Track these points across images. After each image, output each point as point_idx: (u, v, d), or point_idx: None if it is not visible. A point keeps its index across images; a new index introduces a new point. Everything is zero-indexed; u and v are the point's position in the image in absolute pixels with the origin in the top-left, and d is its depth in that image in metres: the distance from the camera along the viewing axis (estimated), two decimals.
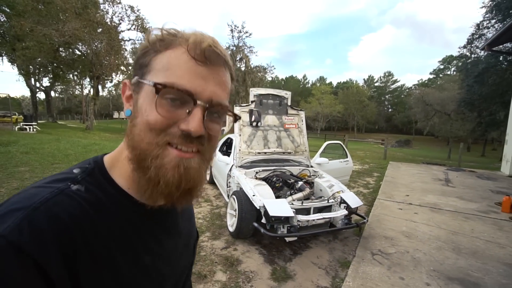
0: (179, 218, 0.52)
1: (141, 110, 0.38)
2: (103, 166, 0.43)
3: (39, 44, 14.36)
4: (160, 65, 0.37)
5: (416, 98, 30.59)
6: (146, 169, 0.37)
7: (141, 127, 0.37)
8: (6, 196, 3.74)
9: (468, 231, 3.53)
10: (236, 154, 4.03)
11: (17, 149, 6.93)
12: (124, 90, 0.43)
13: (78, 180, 0.39)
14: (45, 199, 0.33)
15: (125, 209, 0.41)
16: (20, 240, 0.29)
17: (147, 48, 0.39)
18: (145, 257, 0.42)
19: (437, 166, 9.33)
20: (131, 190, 0.42)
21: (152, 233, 0.44)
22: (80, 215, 0.35)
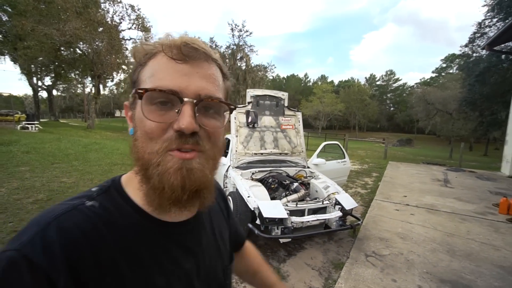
0: (203, 238, 0.49)
1: (138, 123, 0.38)
2: (119, 184, 0.44)
3: (40, 43, 14.43)
4: (145, 76, 0.38)
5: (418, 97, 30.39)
6: (149, 178, 0.37)
7: (140, 139, 0.38)
8: (6, 196, 3.79)
9: (463, 233, 3.54)
10: (232, 155, 4.05)
11: (18, 148, 7.00)
12: (126, 112, 0.43)
13: (93, 197, 0.40)
14: (58, 214, 0.36)
15: (139, 225, 0.41)
16: (32, 253, 0.31)
17: (135, 65, 0.41)
18: (157, 277, 0.40)
19: (437, 166, 9.31)
20: (146, 206, 0.42)
21: (168, 252, 0.43)
22: (89, 229, 0.36)
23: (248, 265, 0.73)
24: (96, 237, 0.36)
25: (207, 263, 0.49)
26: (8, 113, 18.64)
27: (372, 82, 62.63)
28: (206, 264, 0.49)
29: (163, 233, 0.43)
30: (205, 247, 0.49)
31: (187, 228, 0.46)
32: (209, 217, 0.54)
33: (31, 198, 3.82)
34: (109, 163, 6.53)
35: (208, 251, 0.50)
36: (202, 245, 0.49)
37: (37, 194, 3.98)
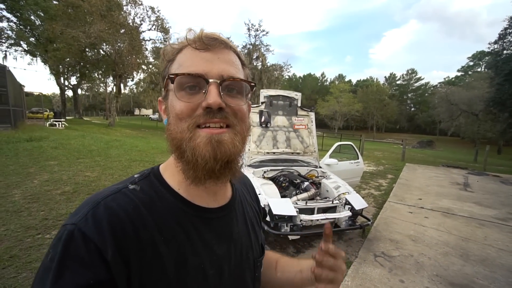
0: (235, 226, 0.51)
1: (170, 109, 0.44)
2: (158, 171, 0.48)
3: (68, 45, 15.34)
4: (173, 68, 0.44)
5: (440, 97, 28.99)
6: (183, 153, 0.41)
7: (173, 121, 0.43)
8: (38, 188, 4.15)
9: (480, 238, 3.43)
10: (245, 154, 4.16)
11: (47, 144, 7.55)
12: (160, 106, 0.48)
13: (135, 181, 0.45)
14: (106, 195, 0.41)
15: (174, 207, 0.44)
16: (85, 227, 0.36)
17: (165, 63, 0.46)
18: (191, 257, 0.43)
19: (457, 170, 8.92)
20: (181, 190, 0.46)
21: (202, 236, 0.45)
22: (131, 210, 0.40)
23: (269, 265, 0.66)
24: (137, 217, 0.40)
25: (238, 253, 0.51)
26: (38, 110, 19.97)
27: (392, 81, 60.50)
28: (238, 253, 0.50)
29: (198, 217, 0.46)
30: (237, 236, 0.51)
31: (221, 214, 0.49)
32: (241, 208, 0.56)
33: (59, 190, 4.15)
34: (129, 159, 6.89)
35: (240, 240, 0.52)
36: (234, 234, 0.51)
37: (64, 186, 4.32)
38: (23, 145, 7.02)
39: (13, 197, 3.72)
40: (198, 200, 0.47)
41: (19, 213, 3.24)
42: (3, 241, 2.62)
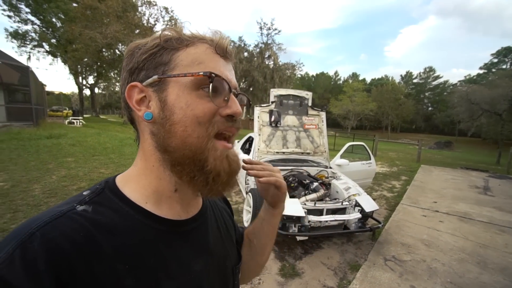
0: (210, 236, 0.47)
1: (180, 106, 0.37)
2: (114, 185, 0.40)
3: (86, 46, 15.94)
4: (188, 61, 0.38)
5: (460, 96, 27.75)
6: (203, 162, 0.37)
7: (186, 123, 0.37)
8: (56, 183, 4.34)
9: (500, 245, 3.26)
10: (254, 153, 4.17)
11: (65, 141, 7.89)
12: (131, 94, 0.39)
13: (85, 201, 0.36)
14: (44, 222, 0.31)
15: (141, 226, 0.38)
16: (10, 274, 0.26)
17: (159, 47, 0.39)
18: (166, 283, 0.37)
19: (477, 172, 8.53)
20: (149, 204, 0.40)
21: (176, 253, 0.40)
22: (81, 239, 0.32)
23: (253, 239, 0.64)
24: (90, 247, 0.32)
25: (216, 264, 0.47)
26: (58, 109, 20.89)
27: (408, 80, 58.58)
28: (215, 264, 0.47)
29: (172, 233, 0.41)
30: (213, 246, 0.47)
31: (195, 225, 0.45)
32: (213, 213, 0.52)
33: (75, 186, 4.32)
34: None
35: (217, 250, 0.48)
36: (210, 244, 0.47)
37: (80, 182, 4.49)
38: (44, 142, 7.37)
39: (33, 191, 3.91)
40: (169, 213, 0.41)
41: (39, 207, 3.41)
42: None
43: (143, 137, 0.41)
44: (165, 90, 0.38)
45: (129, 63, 0.40)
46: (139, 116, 0.39)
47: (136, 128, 0.43)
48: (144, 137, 0.41)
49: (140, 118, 0.40)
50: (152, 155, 0.40)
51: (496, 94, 23.67)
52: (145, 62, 0.39)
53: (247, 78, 22.82)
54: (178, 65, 0.38)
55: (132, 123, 0.44)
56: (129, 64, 0.40)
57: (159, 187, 0.41)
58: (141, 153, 0.42)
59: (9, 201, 3.48)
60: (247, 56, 22.13)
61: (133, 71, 0.40)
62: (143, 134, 0.41)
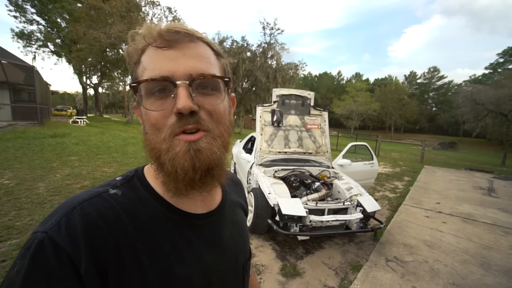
0: (224, 232, 0.50)
1: (144, 117, 0.40)
2: (142, 174, 0.45)
3: (90, 46, 16.05)
4: (140, 72, 0.39)
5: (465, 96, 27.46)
6: (162, 165, 0.39)
7: (149, 131, 0.40)
8: (60, 181, 4.39)
9: (505, 247, 3.23)
10: (256, 153, 4.18)
11: (70, 140, 7.96)
12: (137, 112, 0.44)
13: (117, 185, 0.42)
14: (83, 199, 0.37)
15: (159, 214, 0.42)
16: (57, 236, 0.33)
17: (132, 66, 0.41)
18: (176, 268, 0.41)
19: (481, 173, 8.44)
20: (167, 195, 0.43)
21: (190, 244, 0.43)
22: (110, 217, 0.37)
23: None
24: (117, 225, 0.37)
25: (227, 259, 0.49)
26: (63, 108, 21.12)
27: (412, 80, 58.18)
28: (227, 259, 0.49)
29: (186, 224, 0.44)
30: (226, 242, 0.49)
31: (210, 220, 0.47)
32: (231, 211, 0.54)
33: (79, 184, 4.36)
34: (144, 156, 7.05)
35: (230, 245, 0.50)
36: (224, 240, 0.49)
37: (83, 181, 4.53)
38: (48, 140, 7.45)
39: (38, 189, 3.96)
40: (185, 206, 0.44)
41: (43, 204, 3.45)
42: (28, 230, 2.80)
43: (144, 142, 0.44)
44: (140, 106, 0.41)
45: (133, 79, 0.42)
46: None
47: None
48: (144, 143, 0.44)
49: None
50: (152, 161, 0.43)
51: (502, 94, 23.38)
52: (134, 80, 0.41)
53: (249, 78, 22.80)
54: (137, 78, 0.40)
55: None
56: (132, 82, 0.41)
57: (167, 184, 0.42)
58: None
59: (14, 199, 3.52)
60: (250, 56, 22.11)
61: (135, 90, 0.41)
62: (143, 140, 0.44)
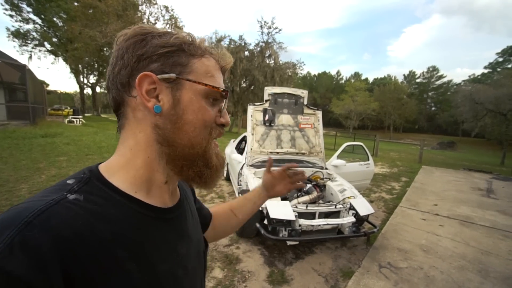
0: (188, 223, 0.50)
1: (192, 109, 0.41)
2: (100, 174, 0.40)
3: (86, 45, 15.91)
4: (202, 70, 0.42)
5: (464, 95, 27.36)
6: (209, 159, 0.44)
7: (196, 125, 0.41)
8: (45, 183, 4.24)
9: (504, 252, 3.09)
10: (247, 153, 4.04)
11: (60, 140, 7.80)
12: (143, 82, 0.38)
13: (74, 190, 0.35)
14: (39, 211, 0.30)
15: (133, 214, 0.39)
16: (10, 263, 0.25)
17: (178, 47, 0.40)
18: (160, 265, 0.40)
19: (480, 174, 8.31)
20: (139, 193, 0.40)
21: (166, 238, 0.43)
22: (81, 227, 0.31)
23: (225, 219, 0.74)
24: (91, 235, 0.32)
25: (194, 248, 0.50)
26: (59, 108, 20.92)
27: (411, 79, 58.12)
28: (194, 248, 0.50)
29: (160, 219, 0.42)
30: (191, 232, 0.50)
31: (178, 212, 0.47)
32: (187, 202, 0.54)
33: None
34: None
35: (194, 235, 0.51)
36: (189, 230, 0.50)
37: None
38: (38, 140, 7.29)
39: (20, 191, 3.81)
40: (157, 201, 0.43)
41: None
42: None
43: (139, 127, 0.41)
44: (180, 90, 0.40)
45: (139, 48, 0.39)
46: (147, 106, 0.39)
47: (121, 115, 0.42)
48: (140, 128, 0.41)
49: (146, 109, 0.40)
50: (149, 147, 0.41)
51: (501, 93, 23.29)
52: (160, 55, 0.39)
53: (247, 77, 22.66)
54: (194, 71, 0.41)
55: (118, 108, 0.42)
56: (140, 49, 0.39)
57: (151, 178, 0.42)
58: (131, 143, 0.41)
59: None
60: (247, 55, 21.95)
61: (144, 59, 0.39)
62: (139, 124, 0.41)
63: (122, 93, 0.40)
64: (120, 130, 0.43)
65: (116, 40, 0.41)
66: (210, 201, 4.41)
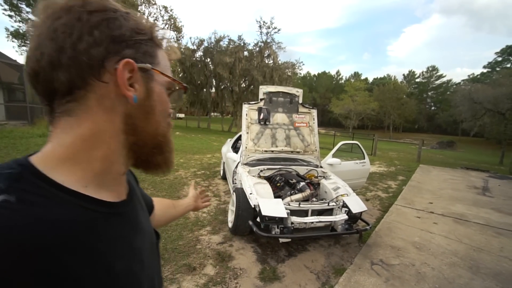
0: (140, 216, 0.48)
1: (160, 100, 0.42)
2: (35, 169, 0.33)
3: None
4: (163, 62, 0.42)
5: (463, 95, 27.36)
6: (167, 145, 0.45)
7: (163, 114, 0.43)
8: None
9: (495, 249, 3.11)
10: (242, 152, 4.05)
11: None
12: (124, 71, 0.35)
13: (1, 189, 0.29)
14: None
15: (83, 212, 0.34)
16: None
17: (150, 36, 0.40)
18: (117, 264, 0.36)
19: (477, 172, 8.32)
20: (89, 188, 0.36)
21: (120, 233, 0.39)
22: (16, 235, 0.27)
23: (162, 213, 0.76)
24: (30, 243, 0.27)
25: (148, 240, 0.49)
26: None
27: (411, 79, 58.22)
28: (148, 241, 0.49)
29: (114, 214, 0.39)
30: (144, 225, 0.49)
31: (131, 205, 0.46)
32: (136, 193, 0.52)
33: None
34: None
35: (146, 228, 0.50)
36: (142, 223, 0.48)
37: None
38: (35, 140, 7.30)
39: None
40: (110, 195, 0.40)
41: None
42: None
43: (104, 117, 0.36)
44: (152, 81, 0.40)
45: (114, 28, 0.35)
46: (123, 95, 0.36)
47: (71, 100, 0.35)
48: (105, 117, 0.36)
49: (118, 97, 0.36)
50: (113, 138, 0.38)
51: (500, 93, 23.29)
52: (136, 42, 0.37)
53: (246, 77, 22.69)
54: (160, 63, 0.41)
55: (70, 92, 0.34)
56: (115, 29, 0.35)
57: (107, 170, 0.39)
58: (86, 133, 0.35)
59: None
60: (246, 55, 21.97)
61: (119, 42, 0.35)
62: (105, 114, 0.36)
63: (87, 76, 0.34)
64: (63, 116, 0.35)
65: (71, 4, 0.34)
66: None
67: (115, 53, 0.35)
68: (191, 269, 2.47)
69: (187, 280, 2.30)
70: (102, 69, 0.34)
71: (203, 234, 3.22)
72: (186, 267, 2.48)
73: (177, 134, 16.55)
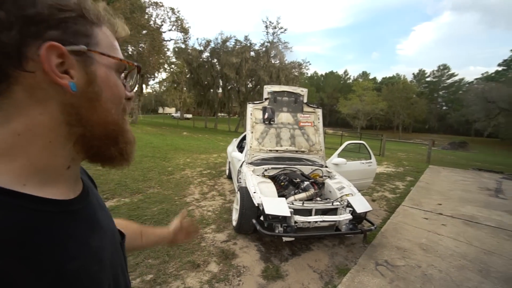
0: (98, 214, 0.46)
1: (109, 85, 0.38)
2: None
3: None
4: (106, 42, 0.38)
5: (476, 94, 26.60)
6: (124, 134, 0.42)
7: (114, 102, 0.39)
8: None
9: (508, 253, 3.01)
10: (246, 151, 4.06)
11: None
12: (50, 56, 0.31)
13: None
14: None
15: (28, 213, 0.31)
16: None
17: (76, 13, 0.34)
18: (69, 265, 0.34)
19: (489, 174, 8.07)
20: (29, 186, 0.33)
21: (73, 233, 0.36)
22: None
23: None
24: None
25: (109, 239, 0.46)
26: None
27: (421, 78, 56.98)
28: (109, 239, 0.46)
29: (64, 213, 0.36)
30: (103, 223, 0.45)
31: (85, 203, 0.42)
32: (92, 191, 0.49)
33: None
34: (141, 155, 7.11)
35: (106, 226, 0.47)
36: (101, 221, 0.45)
37: None
38: None
39: None
40: (56, 193, 0.36)
41: None
42: None
43: (38, 109, 0.33)
44: (93, 65, 0.36)
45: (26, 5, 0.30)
46: (57, 83, 0.32)
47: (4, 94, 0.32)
48: (40, 110, 0.33)
49: (52, 86, 0.32)
50: (52, 130, 0.34)
51: None
52: (60, 21, 0.32)
53: (253, 77, 22.74)
54: (100, 43, 0.37)
55: None
56: (27, 7, 0.30)
57: (49, 164, 0.35)
58: (19, 127, 0.32)
59: None
60: (253, 55, 22.02)
61: (36, 22, 0.30)
62: (39, 106, 0.32)
63: (5, 67, 0.30)
64: None
65: None
66: (211, 198, 4.45)
67: (35, 37, 0.30)
68: (195, 266, 2.50)
69: (191, 276, 2.33)
70: (22, 57, 0.30)
71: (208, 232, 3.24)
72: (190, 264, 2.51)
73: (184, 134, 16.75)
